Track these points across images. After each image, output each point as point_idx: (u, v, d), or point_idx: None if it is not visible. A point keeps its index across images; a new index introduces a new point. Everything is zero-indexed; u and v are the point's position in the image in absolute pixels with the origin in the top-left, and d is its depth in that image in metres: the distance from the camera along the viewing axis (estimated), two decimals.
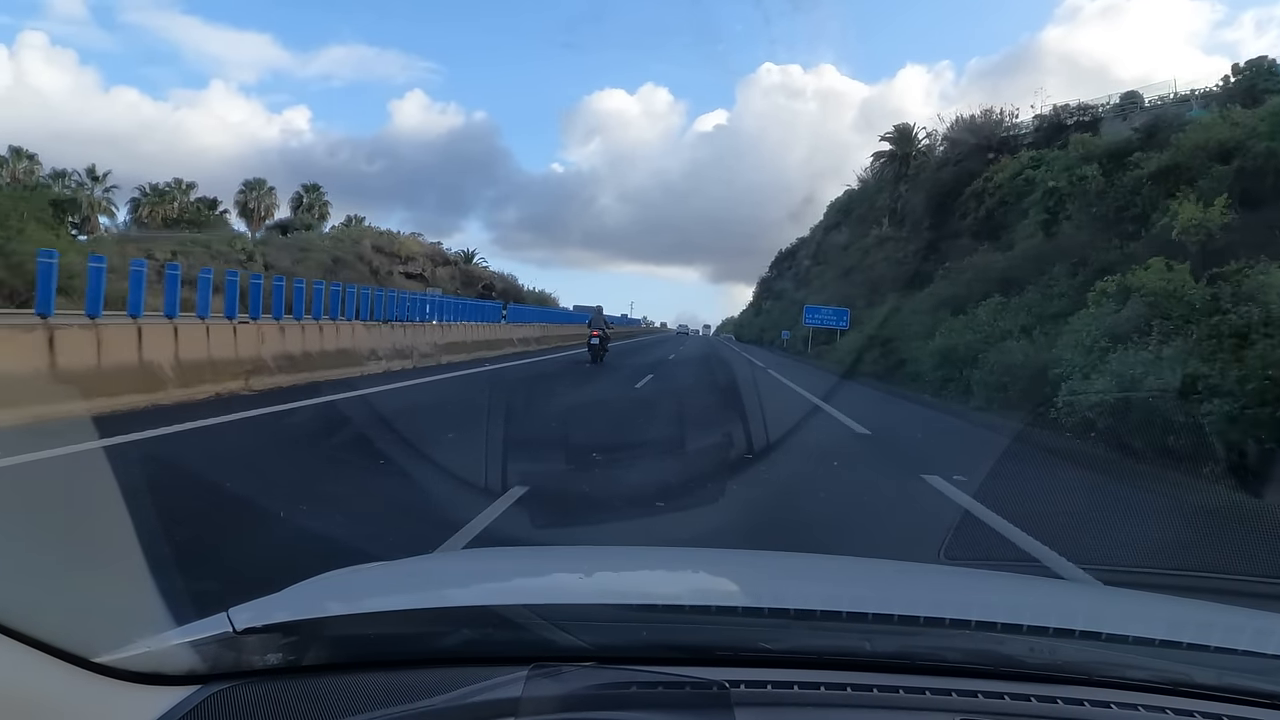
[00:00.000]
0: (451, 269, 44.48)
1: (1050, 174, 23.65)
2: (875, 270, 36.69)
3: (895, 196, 44.34)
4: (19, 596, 1.51)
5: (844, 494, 6.67)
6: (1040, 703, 1.08)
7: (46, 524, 4.03)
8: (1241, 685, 1.15)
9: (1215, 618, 1.60)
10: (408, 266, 39.34)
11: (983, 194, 29.86)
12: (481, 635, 1.17)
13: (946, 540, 4.92)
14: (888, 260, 36.65)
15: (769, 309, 62.81)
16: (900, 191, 43.98)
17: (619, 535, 4.89)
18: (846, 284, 40.02)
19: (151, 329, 8.86)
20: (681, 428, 9.98)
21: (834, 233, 54.49)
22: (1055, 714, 1.07)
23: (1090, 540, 5.40)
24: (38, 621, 1.02)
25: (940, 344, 17.35)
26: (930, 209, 34.64)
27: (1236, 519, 6.66)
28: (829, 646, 1.18)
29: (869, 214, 48.24)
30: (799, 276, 58.35)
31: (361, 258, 34.91)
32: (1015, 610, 1.43)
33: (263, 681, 1.05)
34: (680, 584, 1.81)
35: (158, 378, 8.60)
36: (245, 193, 45.74)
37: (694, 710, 1.02)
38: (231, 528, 4.35)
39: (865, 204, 49.89)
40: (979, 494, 6.41)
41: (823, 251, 54.56)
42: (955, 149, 36.21)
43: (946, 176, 34.41)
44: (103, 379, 7.82)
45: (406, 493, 5.54)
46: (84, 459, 5.52)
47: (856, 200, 52.70)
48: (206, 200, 44.72)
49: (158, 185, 42.20)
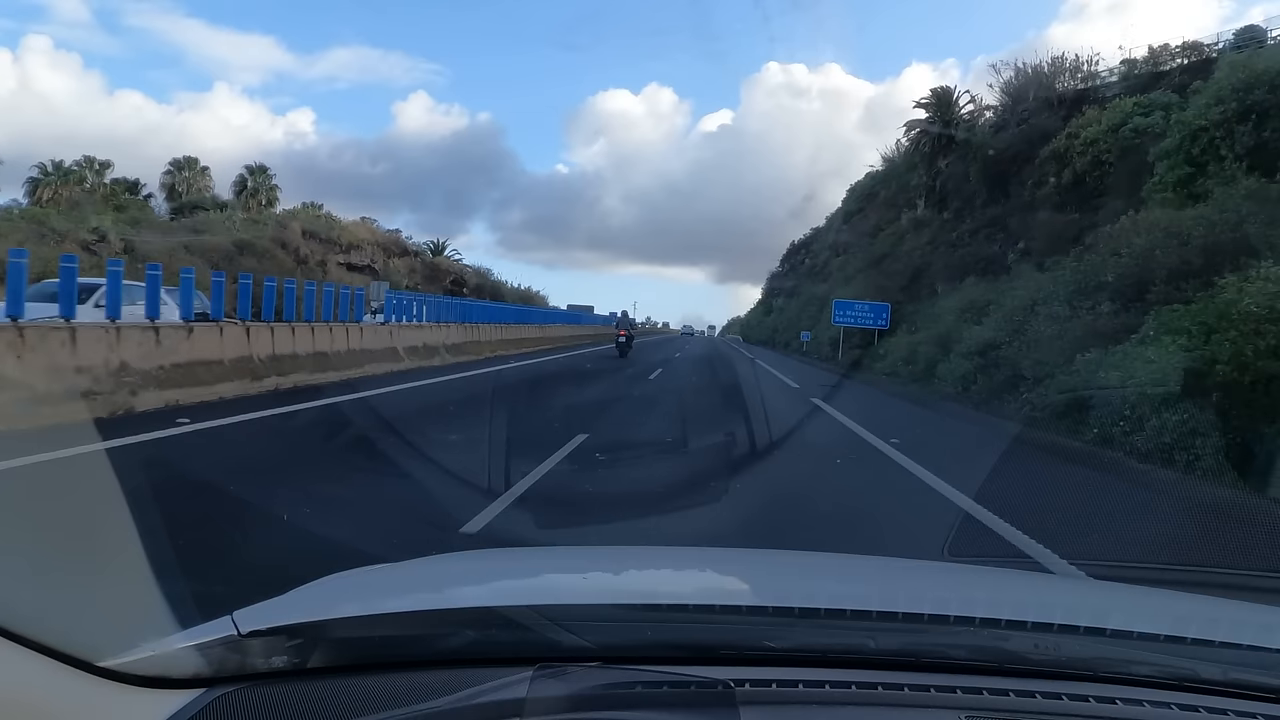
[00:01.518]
0: (411, 260, 37.82)
1: (1191, 115, 16.95)
2: (915, 257, 29.96)
3: (933, 173, 37.61)
4: (23, 601, 1.45)
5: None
6: (1045, 699, 1.08)
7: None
8: (1247, 680, 1.15)
9: (1220, 612, 1.58)
10: (351, 256, 32.81)
11: (1066, 155, 23.14)
12: (486, 636, 1.17)
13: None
14: (932, 245, 29.91)
15: (781, 307, 56.02)
16: (940, 167, 37.29)
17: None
18: (878, 275, 33.32)
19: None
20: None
21: (856, 220, 47.81)
22: (1060, 710, 1.06)
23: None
24: (42, 626, 1.03)
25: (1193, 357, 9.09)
26: (988, 181, 27.90)
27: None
28: (833, 644, 1.19)
29: (899, 196, 41.60)
30: (815, 270, 51.60)
31: (285, 244, 28.47)
32: (1020, 607, 1.44)
33: (268, 684, 1.05)
34: (684, 583, 1.79)
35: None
36: (173, 173, 39.25)
37: (699, 709, 1.02)
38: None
39: (894, 185, 43.31)
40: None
41: (843, 241, 47.82)
42: (1017, 107, 29.49)
43: (1008, 141, 27.65)
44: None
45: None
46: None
47: (882, 182, 46.08)
48: (125, 181, 38.13)
49: (62, 163, 35.71)
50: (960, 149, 33.96)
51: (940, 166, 37.53)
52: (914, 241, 33.32)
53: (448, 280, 40.54)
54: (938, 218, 35.06)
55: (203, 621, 1.15)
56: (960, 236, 27.23)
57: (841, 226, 51.24)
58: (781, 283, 63.50)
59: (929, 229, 31.52)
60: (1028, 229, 23.38)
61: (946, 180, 36.34)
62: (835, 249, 49.57)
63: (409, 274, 36.36)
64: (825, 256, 50.95)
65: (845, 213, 52.07)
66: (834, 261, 46.15)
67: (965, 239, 27.11)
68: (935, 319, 20.56)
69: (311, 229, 32.09)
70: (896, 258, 33.81)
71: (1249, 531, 5.95)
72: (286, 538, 4.39)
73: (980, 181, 28.32)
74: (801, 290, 49.61)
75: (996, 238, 25.20)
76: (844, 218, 52.02)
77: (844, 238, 47.79)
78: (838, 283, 41.63)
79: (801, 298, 44.58)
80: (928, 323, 21.11)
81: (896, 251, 34.58)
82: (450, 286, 40.58)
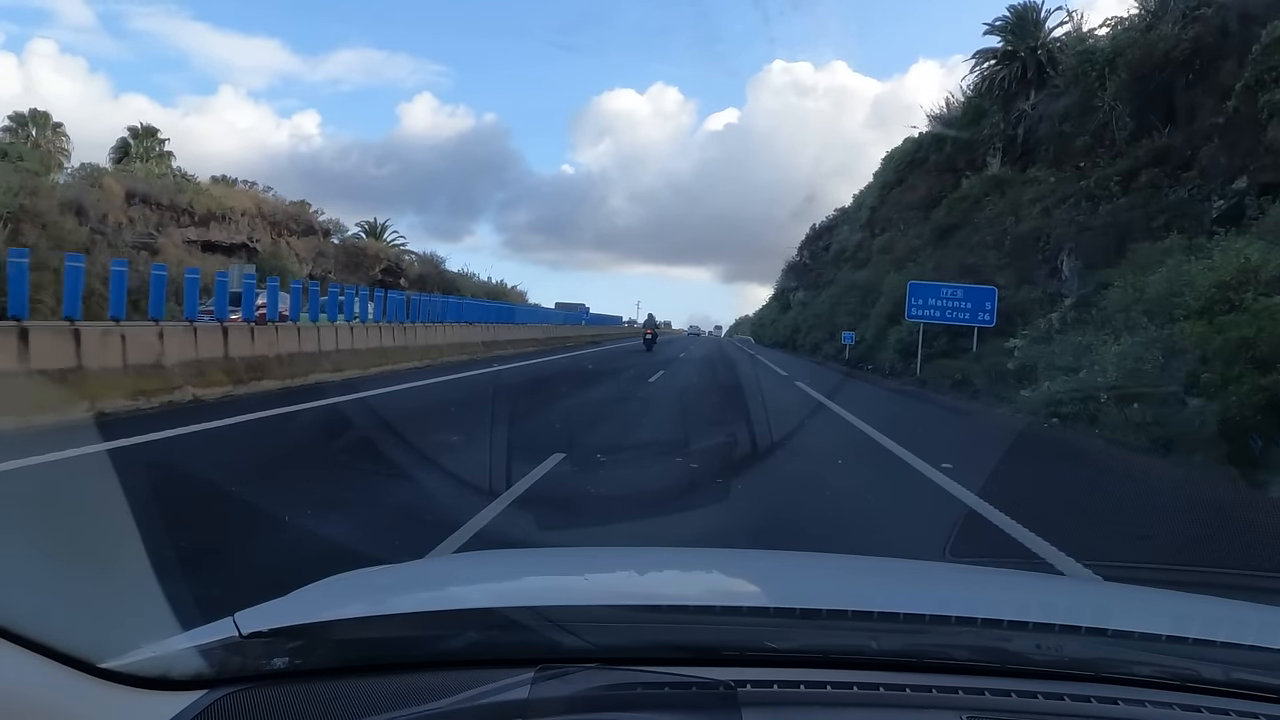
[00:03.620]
0: (318, 241, 28.34)
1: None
2: (1023, 224, 20.50)
3: (1014, 118, 28.24)
4: (24, 602, 1.30)
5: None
6: (1047, 700, 1.07)
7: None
8: (1249, 680, 1.14)
9: (1221, 612, 1.56)
10: (212, 231, 23.57)
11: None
12: (487, 637, 1.16)
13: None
14: (1042, 206, 20.42)
15: (803, 301, 46.46)
16: (1023, 110, 27.89)
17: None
18: (952, 252, 24.00)
19: None
20: None
21: (899, 191, 38.44)
22: (1062, 711, 1.06)
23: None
24: (44, 627, 1.02)
25: None
26: (1137, 104, 18.43)
27: None
28: (835, 645, 1.18)
29: (958, 157, 32.40)
30: (845, 255, 42.08)
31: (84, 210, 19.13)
32: (1021, 607, 1.42)
33: (270, 685, 1.04)
34: (685, 584, 1.77)
35: None
36: (14, 130, 29.97)
37: (701, 710, 1.02)
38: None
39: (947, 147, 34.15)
40: None
41: (884, 217, 38.40)
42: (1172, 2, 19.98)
43: (1163, 54, 18.14)
44: None
45: None
46: None
47: (933, 145, 36.88)
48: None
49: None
50: (1063, 79, 24.50)
51: (1024, 108, 28.21)
52: (1001, 206, 23.92)
53: (377, 269, 31.23)
54: (1019, 175, 25.78)
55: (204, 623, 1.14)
56: (1107, 186, 17.74)
57: (876, 203, 41.83)
58: (801, 275, 54.03)
59: (1038, 186, 22.03)
60: (1242, 156, 14.04)
61: (1034, 124, 26.98)
62: (871, 227, 40.17)
63: (315, 258, 27.08)
64: (859, 238, 41.51)
65: (881, 185, 42.64)
66: (874, 242, 36.73)
67: (1108, 189, 17.66)
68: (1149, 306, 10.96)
69: (146, 192, 22.68)
70: (975, 228, 24.42)
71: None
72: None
73: (1125, 106, 18.83)
74: (832, 279, 40.19)
75: (1176, 181, 15.79)
76: (879, 191, 42.60)
77: (885, 213, 38.37)
78: (879, 268, 32.33)
79: (834, 289, 34.83)
80: (1121, 314, 11.52)
81: (974, 220, 25.18)
82: (381, 276, 31.35)
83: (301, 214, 27.59)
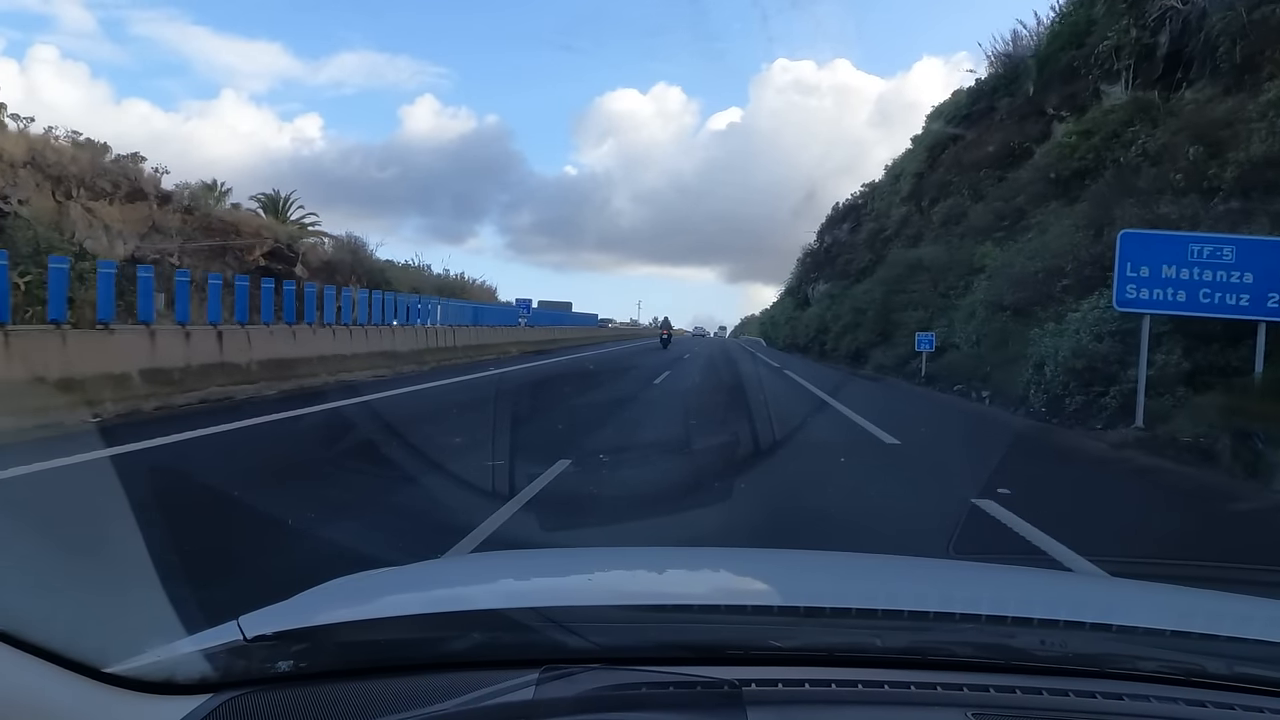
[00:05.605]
0: (149, 209, 19.48)
1: None
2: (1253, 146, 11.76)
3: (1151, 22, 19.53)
4: (28, 607, 1.33)
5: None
6: (1052, 696, 1.06)
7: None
8: (1254, 674, 1.13)
9: (1225, 607, 1.55)
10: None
11: None
12: (491, 639, 1.16)
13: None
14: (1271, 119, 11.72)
15: (831, 294, 37.61)
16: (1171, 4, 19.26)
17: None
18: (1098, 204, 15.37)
19: None
20: None
21: (955, 150, 29.78)
22: (1067, 707, 1.05)
23: None
24: (48, 632, 1.01)
25: None
26: None
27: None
28: (839, 643, 1.16)
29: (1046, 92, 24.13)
30: (885, 236, 33.21)
31: None
32: (1025, 603, 1.40)
33: (274, 689, 1.03)
34: (688, 583, 1.76)
35: None
36: None
37: (706, 710, 1.01)
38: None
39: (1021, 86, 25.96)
40: None
41: (934, 184, 29.65)
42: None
43: None
44: None
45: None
46: None
47: (1003, 86, 28.57)
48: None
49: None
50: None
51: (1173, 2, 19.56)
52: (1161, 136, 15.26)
53: (257, 253, 22.66)
54: (1158, 100, 17.23)
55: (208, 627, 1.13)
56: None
57: (923, 168, 33.12)
58: (823, 263, 45.29)
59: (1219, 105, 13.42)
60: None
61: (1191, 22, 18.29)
62: (917, 198, 31.49)
63: (144, 232, 18.52)
64: (903, 212, 32.79)
65: (928, 148, 33.98)
66: (932, 212, 27.98)
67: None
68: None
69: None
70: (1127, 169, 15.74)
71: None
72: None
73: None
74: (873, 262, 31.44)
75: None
76: (925, 156, 33.94)
77: (939, 178, 29.69)
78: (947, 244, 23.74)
79: (891, 268, 25.63)
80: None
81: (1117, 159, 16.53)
82: (265, 263, 22.84)
83: (119, 172, 18.97)
